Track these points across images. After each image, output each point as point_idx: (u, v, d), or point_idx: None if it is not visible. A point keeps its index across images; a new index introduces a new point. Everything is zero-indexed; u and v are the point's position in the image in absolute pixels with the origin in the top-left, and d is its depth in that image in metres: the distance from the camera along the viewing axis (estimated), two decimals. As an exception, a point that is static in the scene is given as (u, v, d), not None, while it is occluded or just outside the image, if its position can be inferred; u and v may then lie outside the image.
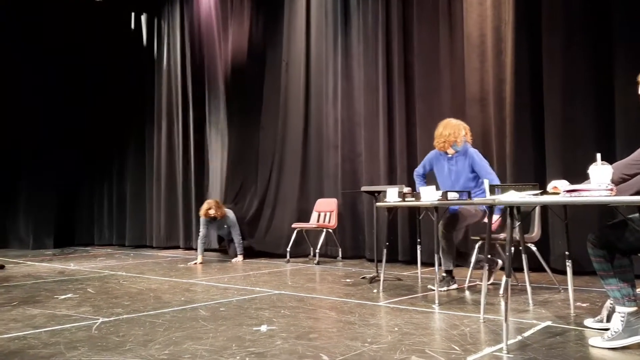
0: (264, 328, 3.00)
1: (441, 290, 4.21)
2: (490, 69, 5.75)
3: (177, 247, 8.86)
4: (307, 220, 7.06)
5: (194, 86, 8.81)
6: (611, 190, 2.38)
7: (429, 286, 4.39)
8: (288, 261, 6.64)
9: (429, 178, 4.68)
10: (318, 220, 6.91)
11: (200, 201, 7.95)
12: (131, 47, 10.18)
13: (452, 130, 4.34)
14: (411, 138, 6.39)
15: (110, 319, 3.37)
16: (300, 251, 7.19)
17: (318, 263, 6.38)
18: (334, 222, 6.73)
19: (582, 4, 5.14)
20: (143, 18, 10.09)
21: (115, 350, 2.61)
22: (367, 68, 6.79)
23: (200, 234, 6.92)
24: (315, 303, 3.79)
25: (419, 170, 4.69)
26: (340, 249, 6.84)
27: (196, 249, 7.21)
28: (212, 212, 6.86)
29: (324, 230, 6.65)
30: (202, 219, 6.96)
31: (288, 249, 6.77)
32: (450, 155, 4.43)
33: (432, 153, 4.60)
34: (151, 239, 9.47)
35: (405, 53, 6.49)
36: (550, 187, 2.74)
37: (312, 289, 4.47)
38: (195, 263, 6.59)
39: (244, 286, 4.65)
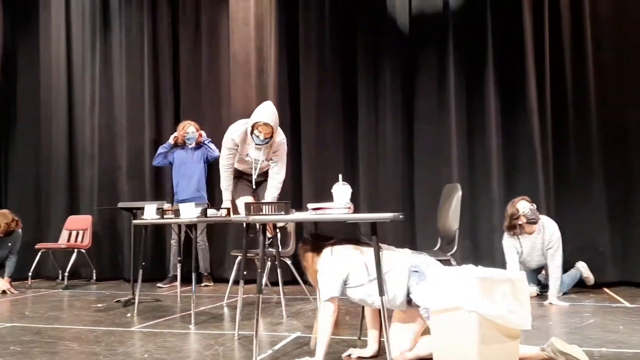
0: (-18, 371, 2.53)
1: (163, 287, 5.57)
2: (254, 88, 5.95)
3: None
4: (56, 239, 6.31)
5: None
6: (349, 208, 2.61)
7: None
8: (29, 287, 5.82)
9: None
10: (69, 240, 6.22)
11: None
12: None
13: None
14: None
15: None
16: (46, 274, 6.39)
17: (66, 287, 5.73)
18: (87, 242, 6.13)
19: (332, 32, 5.69)
20: None
21: None
22: (130, 78, 6.40)
23: None
24: (55, 334, 3.35)
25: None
26: (94, 271, 6.25)
27: None
28: (13, 225, 5.48)
29: (75, 250, 6.02)
30: None
31: (29, 273, 5.94)
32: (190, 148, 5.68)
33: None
34: None
35: (172, 65, 6.31)
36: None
37: (54, 318, 3.96)
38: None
39: (-35, 321, 3.89)
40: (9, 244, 5.61)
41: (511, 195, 5.13)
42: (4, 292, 5.34)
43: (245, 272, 3.32)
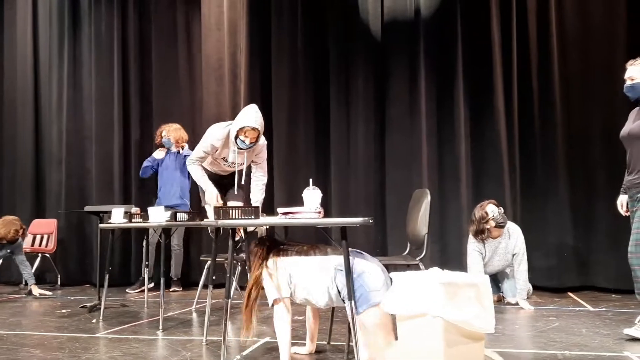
0: (-63, 380, 2.44)
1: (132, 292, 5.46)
2: (227, 93, 5.92)
3: None
4: (20, 243, 6.14)
5: None
6: (319, 212, 2.61)
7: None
8: (-9, 293, 5.66)
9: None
10: (33, 244, 6.07)
11: None
12: None
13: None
14: (147, 157, 6.14)
15: None
16: (9, 279, 6.23)
17: (30, 293, 5.58)
18: (52, 246, 5.99)
19: (305, 38, 5.71)
20: None
21: None
22: (100, 79, 6.30)
23: None
24: (17, 341, 3.27)
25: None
26: (59, 276, 6.12)
27: None
28: (20, 232, 5.35)
29: (39, 255, 5.87)
30: None
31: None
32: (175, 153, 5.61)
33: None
34: None
35: (142, 68, 6.23)
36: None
37: (16, 324, 3.85)
38: None
39: None
40: (8, 251, 5.44)
41: (479, 200, 5.21)
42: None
43: (214, 277, 3.29)
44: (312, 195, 2.63)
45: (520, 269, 4.25)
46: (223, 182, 4.08)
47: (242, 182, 3.94)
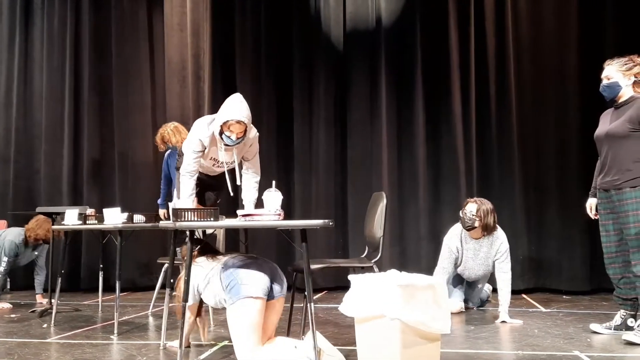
0: None
1: None
2: (191, 95, 5.84)
3: None
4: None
5: None
6: (279, 215, 2.60)
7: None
8: None
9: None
10: (-20, 246, 5.80)
11: None
12: None
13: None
14: (105, 157, 5.97)
15: None
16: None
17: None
18: (1, 248, 5.75)
19: (268, 43, 5.70)
20: None
21: None
22: (51, 74, 6.10)
23: (4, 267, 4.79)
24: (-39, 348, 3.12)
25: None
26: (8, 279, 5.87)
27: None
28: (49, 235, 4.72)
29: (-12, 257, 5.62)
30: (16, 245, 4.77)
31: None
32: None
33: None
34: None
35: (98, 66, 6.06)
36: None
37: (-39, 330, 3.69)
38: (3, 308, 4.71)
39: None
40: (35, 253, 4.99)
41: (437, 203, 5.33)
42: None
43: (172, 280, 3.23)
44: (272, 198, 2.62)
45: (502, 277, 3.87)
46: (213, 184, 3.71)
47: (238, 183, 3.45)
